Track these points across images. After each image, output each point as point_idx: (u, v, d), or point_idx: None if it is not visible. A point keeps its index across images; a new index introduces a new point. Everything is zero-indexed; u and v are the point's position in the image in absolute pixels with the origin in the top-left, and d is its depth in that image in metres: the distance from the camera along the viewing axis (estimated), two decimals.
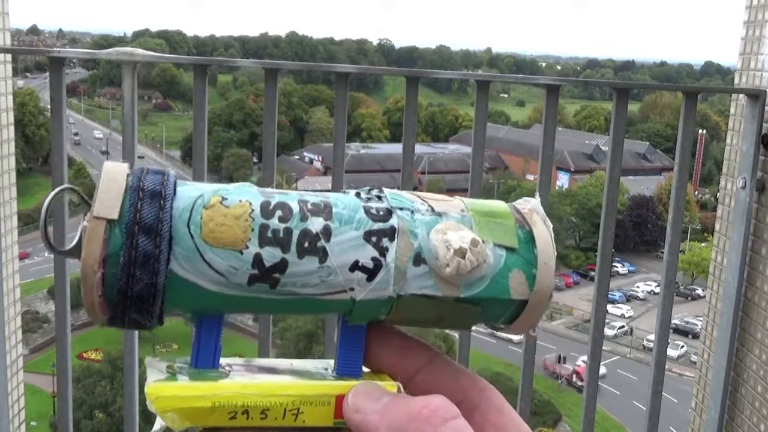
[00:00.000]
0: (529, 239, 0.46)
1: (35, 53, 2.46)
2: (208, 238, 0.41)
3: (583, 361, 26.62)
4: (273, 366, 0.47)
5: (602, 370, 27.93)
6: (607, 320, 2.25)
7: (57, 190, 0.45)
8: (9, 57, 2.42)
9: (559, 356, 31.67)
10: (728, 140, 2.61)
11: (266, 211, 0.43)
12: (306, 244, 0.42)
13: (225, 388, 0.42)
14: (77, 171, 52.75)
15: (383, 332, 0.47)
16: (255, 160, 62.04)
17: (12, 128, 2.42)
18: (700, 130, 55.26)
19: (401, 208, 0.45)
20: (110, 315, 0.42)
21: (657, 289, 12.05)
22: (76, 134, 68.72)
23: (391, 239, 0.44)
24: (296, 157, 65.36)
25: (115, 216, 0.40)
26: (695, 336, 30.74)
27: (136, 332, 2.02)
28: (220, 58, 4.92)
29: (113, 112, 76.58)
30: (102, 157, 61.66)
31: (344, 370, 0.46)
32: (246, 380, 0.43)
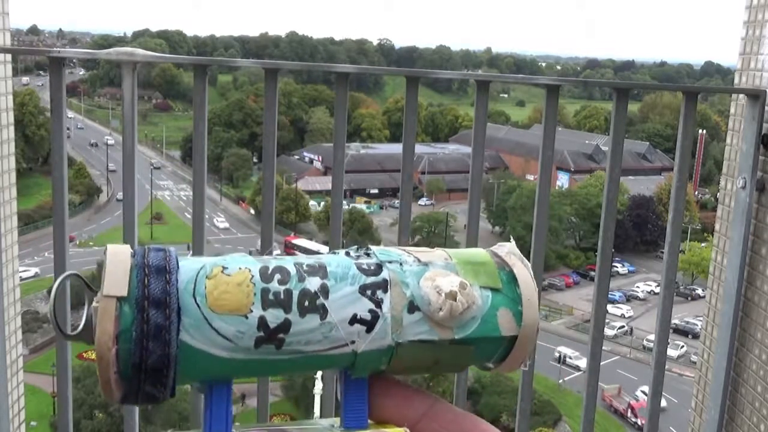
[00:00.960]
0: (511, 279, 0.49)
1: (35, 53, 2.46)
2: (214, 306, 0.43)
3: (643, 393, 26.29)
4: (282, 428, 0.49)
5: (663, 403, 27.47)
6: (607, 320, 2.25)
7: (62, 277, 0.47)
8: (9, 57, 2.42)
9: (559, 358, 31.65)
10: (728, 140, 2.61)
11: (265, 275, 0.45)
12: (306, 303, 0.44)
13: None
14: (77, 171, 52.77)
15: (384, 383, 0.49)
16: (255, 160, 62.05)
17: (12, 128, 2.42)
18: (700, 130, 55.28)
19: (390, 262, 0.47)
20: (124, 392, 0.43)
21: (657, 289, 12.07)
22: (94, 143, 68.90)
23: (385, 291, 0.46)
24: (296, 157, 65.38)
25: (124, 293, 0.42)
26: (695, 336, 30.74)
27: None
28: (220, 58, 4.92)
29: (113, 112, 76.59)
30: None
31: (351, 424, 0.47)
32: None
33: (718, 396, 2.30)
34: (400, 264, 0.48)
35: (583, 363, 32.24)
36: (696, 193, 52.70)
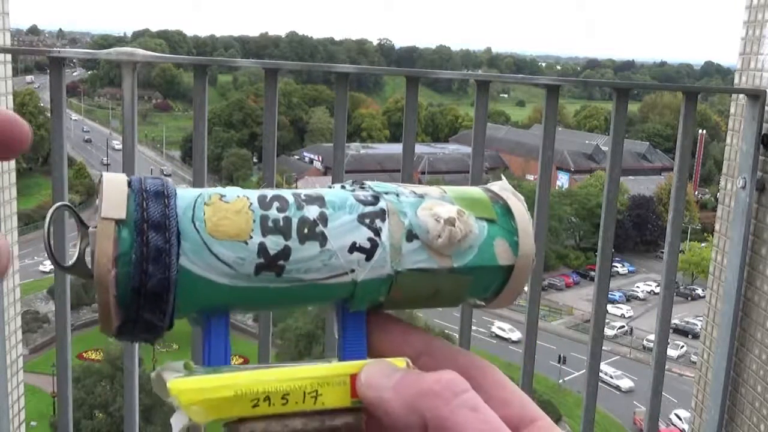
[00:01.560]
0: (506, 212, 0.49)
1: (35, 53, 2.46)
2: (213, 232, 0.43)
3: (677, 416, 26.02)
4: (278, 366, 0.48)
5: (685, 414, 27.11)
6: (607, 320, 2.25)
7: (54, 207, 0.45)
8: (9, 57, 2.42)
9: (559, 356, 31.69)
10: (728, 140, 2.62)
11: (264, 203, 0.44)
12: (306, 230, 0.44)
13: (245, 377, 0.43)
14: (77, 171, 52.78)
15: (382, 320, 0.49)
16: (255, 160, 62.05)
17: None
18: (700, 130, 55.28)
19: (387, 193, 0.47)
20: (122, 319, 0.43)
21: (657, 289, 12.06)
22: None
23: (383, 220, 0.46)
24: (296, 157, 65.37)
25: (123, 215, 0.42)
26: (695, 336, 30.73)
27: None
28: (220, 58, 4.93)
29: (113, 112, 76.60)
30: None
31: (350, 357, 0.47)
32: (261, 369, 0.44)
33: (718, 396, 2.30)
34: (397, 195, 0.48)
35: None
36: (696, 193, 52.70)
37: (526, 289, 0.49)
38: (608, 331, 31.85)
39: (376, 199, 0.47)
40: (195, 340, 1.96)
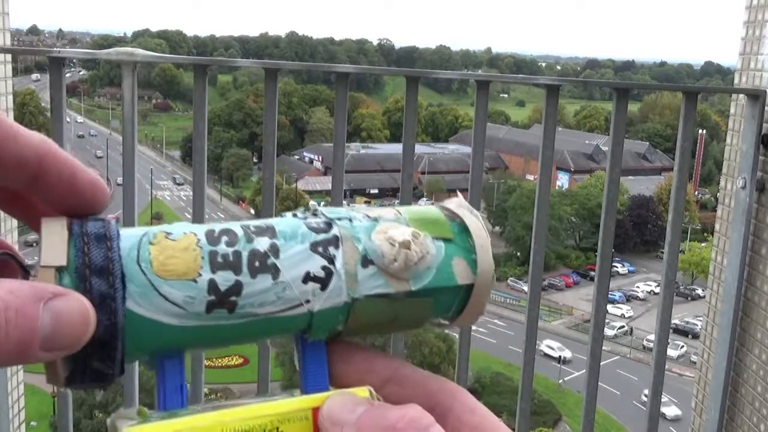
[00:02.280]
0: (463, 230, 0.48)
1: (35, 53, 2.46)
2: (160, 272, 0.41)
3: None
4: (236, 402, 0.47)
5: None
6: (607, 320, 2.25)
7: None
8: (9, 57, 2.42)
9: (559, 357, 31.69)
10: (728, 140, 2.62)
11: (212, 238, 0.43)
12: (257, 263, 0.43)
13: (203, 419, 0.42)
14: None
15: (343, 349, 0.47)
16: (255, 160, 62.05)
17: None
18: (700, 130, 55.28)
19: (339, 219, 0.46)
20: (71, 370, 0.41)
21: (657, 289, 12.07)
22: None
23: (336, 247, 0.45)
24: (296, 157, 65.37)
25: (63, 262, 0.40)
26: (695, 336, 30.74)
27: None
28: (220, 58, 4.92)
29: (113, 112, 76.61)
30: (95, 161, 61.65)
31: (311, 389, 0.46)
32: (220, 410, 0.43)
33: (718, 396, 2.30)
34: (350, 220, 0.46)
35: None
36: (696, 193, 52.69)
37: (487, 301, 0.49)
38: (608, 331, 31.84)
39: (329, 225, 0.46)
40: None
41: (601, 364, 2.24)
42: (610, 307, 30.14)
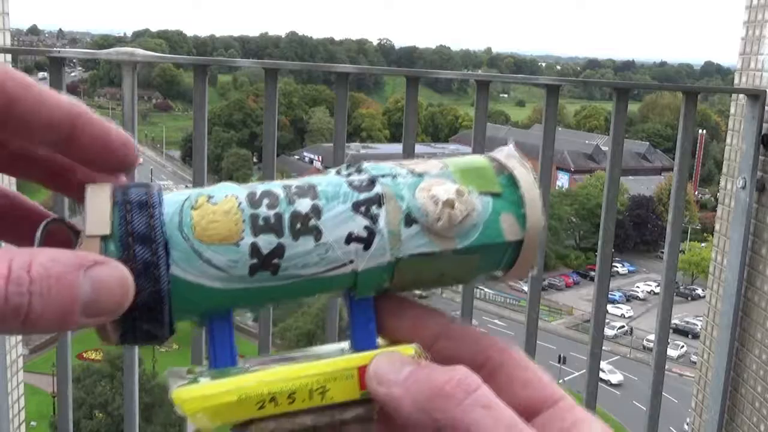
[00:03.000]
0: (512, 183, 0.46)
1: (35, 53, 2.46)
2: (202, 237, 0.42)
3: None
4: (290, 356, 0.47)
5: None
6: (607, 320, 2.25)
7: (45, 222, 0.44)
8: (9, 57, 2.42)
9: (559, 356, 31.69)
10: (728, 140, 2.62)
11: (253, 201, 0.43)
12: (298, 226, 0.43)
13: (248, 379, 0.42)
14: None
15: (395, 304, 0.47)
16: (255, 160, 62.06)
17: None
18: (700, 130, 55.29)
19: (383, 176, 0.45)
20: (121, 331, 0.42)
21: (657, 289, 12.06)
22: None
23: (379, 206, 0.44)
24: (296, 157, 65.38)
25: (107, 231, 0.41)
26: (695, 336, 30.73)
27: None
28: (220, 58, 4.93)
29: (113, 112, 76.68)
30: None
31: (360, 345, 0.46)
32: (267, 370, 0.43)
33: (718, 396, 2.30)
34: (393, 177, 0.45)
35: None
36: (696, 193, 52.70)
37: (537, 256, 0.47)
38: (608, 331, 31.84)
39: (372, 183, 0.45)
40: (195, 340, 1.96)
41: (601, 364, 2.24)
42: (610, 307, 30.13)
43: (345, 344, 0.48)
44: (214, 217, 0.42)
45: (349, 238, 0.43)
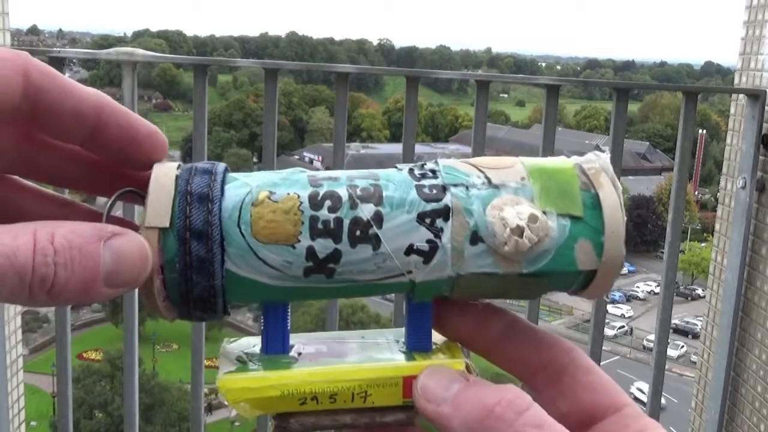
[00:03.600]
0: (596, 204, 0.43)
1: (35, 53, 2.46)
2: (259, 236, 0.41)
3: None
4: (344, 340, 0.47)
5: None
6: (607, 320, 2.25)
7: (119, 192, 0.45)
8: None
9: None
10: (728, 140, 2.62)
11: (315, 202, 0.42)
12: (358, 233, 0.42)
13: (293, 377, 0.43)
14: None
15: (458, 303, 0.46)
16: (255, 160, 62.05)
17: None
18: (700, 130, 55.27)
19: (455, 185, 0.43)
20: (177, 313, 0.43)
21: (657, 289, 12.05)
22: None
23: (446, 219, 0.42)
24: (296, 157, 65.33)
25: (166, 224, 0.41)
26: (695, 336, 30.72)
27: (136, 332, 2.02)
28: (220, 58, 4.93)
29: None
30: None
31: (414, 345, 0.46)
32: (314, 367, 0.44)
33: (718, 396, 2.30)
34: (467, 187, 0.43)
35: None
36: (696, 193, 52.70)
37: (613, 283, 0.45)
38: (608, 331, 31.83)
39: (443, 191, 0.43)
40: (195, 342, 1.96)
41: (601, 364, 2.24)
42: (610, 307, 30.15)
43: (401, 332, 0.47)
44: (273, 217, 0.42)
45: (410, 250, 0.42)
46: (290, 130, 70.89)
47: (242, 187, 0.43)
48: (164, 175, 0.43)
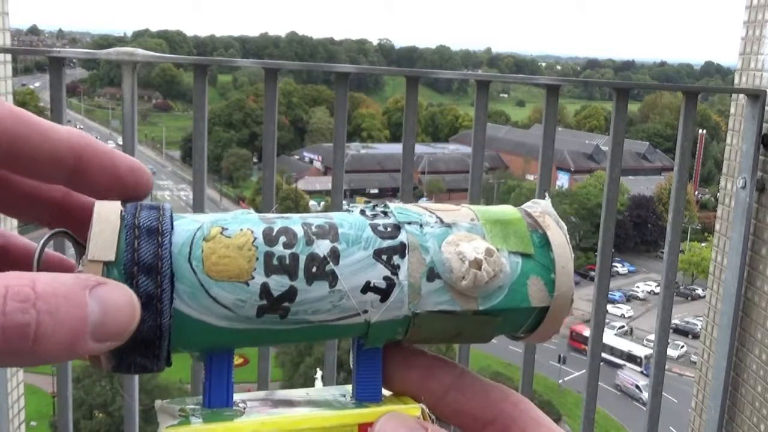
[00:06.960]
0: (544, 243, 0.44)
1: (35, 53, 2.46)
2: (211, 272, 0.39)
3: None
4: (289, 398, 0.46)
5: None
6: (607, 320, 2.25)
7: (51, 233, 0.42)
8: (9, 57, 2.42)
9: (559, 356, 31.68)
10: (728, 140, 2.62)
11: (269, 238, 0.41)
12: (314, 269, 0.40)
13: (241, 428, 0.40)
14: None
15: (405, 354, 0.45)
16: (255, 160, 62.05)
17: None
18: (700, 130, 55.27)
19: (409, 223, 0.43)
20: (115, 363, 0.40)
21: (657, 289, 12.05)
22: None
23: (402, 256, 0.42)
24: (296, 157, 65.36)
25: (111, 258, 0.38)
26: (695, 336, 30.74)
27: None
28: (220, 58, 4.92)
29: (113, 112, 76.61)
30: None
31: (363, 396, 0.45)
32: (262, 417, 0.42)
33: (718, 396, 2.30)
34: (420, 225, 0.43)
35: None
36: (696, 193, 52.70)
37: (562, 323, 0.45)
38: (608, 331, 31.83)
39: (397, 229, 0.42)
40: (196, 370, 1.96)
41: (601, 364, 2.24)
42: (610, 307, 30.16)
43: (347, 389, 0.46)
44: (226, 252, 0.40)
45: (366, 288, 0.41)
46: (290, 130, 70.90)
47: (192, 223, 0.41)
48: (108, 209, 0.40)
